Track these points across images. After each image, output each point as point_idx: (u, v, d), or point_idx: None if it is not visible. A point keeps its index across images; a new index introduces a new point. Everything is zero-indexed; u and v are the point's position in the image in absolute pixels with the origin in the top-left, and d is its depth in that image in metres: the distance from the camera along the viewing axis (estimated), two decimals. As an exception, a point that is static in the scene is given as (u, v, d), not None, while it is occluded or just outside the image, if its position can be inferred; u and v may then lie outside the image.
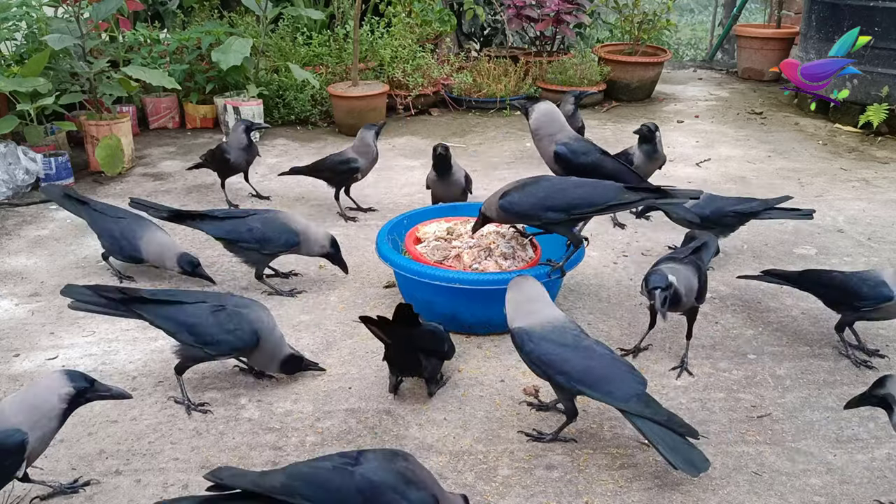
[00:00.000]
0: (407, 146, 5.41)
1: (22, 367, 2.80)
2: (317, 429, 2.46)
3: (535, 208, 2.76)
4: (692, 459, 2.08)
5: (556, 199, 2.74)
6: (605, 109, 6.44)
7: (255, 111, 5.40)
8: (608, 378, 2.21)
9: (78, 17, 4.48)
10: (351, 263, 3.38)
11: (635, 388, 2.20)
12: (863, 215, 4.19)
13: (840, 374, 2.76)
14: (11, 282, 3.45)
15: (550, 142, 3.16)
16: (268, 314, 2.61)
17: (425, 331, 2.48)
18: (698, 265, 2.66)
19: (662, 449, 2.10)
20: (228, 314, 2.51)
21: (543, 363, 2.26)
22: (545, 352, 2.26)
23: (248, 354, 2.61)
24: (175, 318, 2.50)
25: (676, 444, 2.11)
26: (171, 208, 3.44)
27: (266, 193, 4.50)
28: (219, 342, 2.49)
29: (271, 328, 2.58)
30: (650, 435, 2.13)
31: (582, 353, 2.25)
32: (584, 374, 2.22)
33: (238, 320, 2.51)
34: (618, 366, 2.26)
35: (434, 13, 6.52)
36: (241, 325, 2.51)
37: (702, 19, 11.45)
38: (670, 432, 2.12)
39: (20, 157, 4.37)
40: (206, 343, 2.49)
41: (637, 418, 2.15)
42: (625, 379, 2.22)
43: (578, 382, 2.22)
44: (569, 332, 2.31)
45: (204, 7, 6.51)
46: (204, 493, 1.83)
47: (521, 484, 2.22)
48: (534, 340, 2.28)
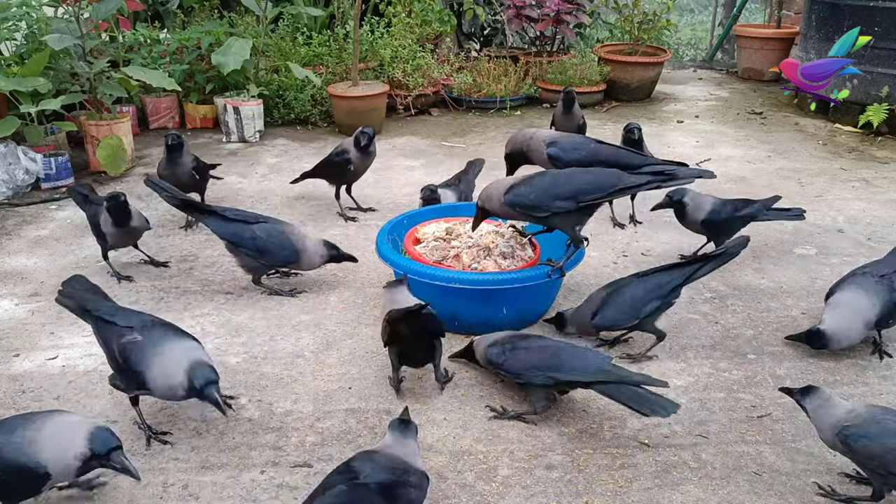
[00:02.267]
0: (407, 146, 5.41)
1: (22, 367, 2.80)
2: (317, 429, 2.46)
3: (543, 198, 2.76)
4: (662, 404, 2.26)
5: (564, 187, 2.76)
6: (605, 109, 6.44)
7: (255, 111, 5.41)
8: (574, 358, 2.45)
9: (78, 17, 4.48)
10: (351, 264, 3.38)
11: (600, 361, 2.41)
12: (863, 215, 4.19)
13: (840, 374, 2.76)
14: (11, 282, 3.45)
15: (541, 144, 3.24)
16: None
17: (428, 314, 2.47)
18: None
19: (631, 404, 2.28)
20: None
21: (518, 369, 2.48)
22: (520, 359, 2.49)
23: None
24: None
25: (642, 397, 2.29)
26: (184, 196, 3.41)
27: (265, 193, 4.50)
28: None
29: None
30: (619, 396, 2.31)
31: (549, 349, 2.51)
32: (553, 360, 2.45)
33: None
34: (577, 348, 2.54)
35: (434, 13, 6.52)
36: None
37: (702, 19, 11.45)
38: (635, 388, 2.31)
39: (20, 157, 4.37)
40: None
41: (608, 385, 2.33)
42: (587, 355, 2.47)
43: (552, 370, 2.42)
44: (532, 337, 2.60)
45: (204, 7, 6.51)
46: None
47: (521, 484, 2.22)
48: (505, 353, 2.52)
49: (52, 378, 2.73)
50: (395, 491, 1.87)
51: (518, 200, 2.79)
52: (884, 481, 2.05)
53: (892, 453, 1.98)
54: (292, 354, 2.88)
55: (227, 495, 2.18)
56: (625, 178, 2.78)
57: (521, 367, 2.46)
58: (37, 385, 2.69)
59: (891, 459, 1.98)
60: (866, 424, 2.04)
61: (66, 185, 4.53)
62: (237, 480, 2.23)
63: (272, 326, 3.07)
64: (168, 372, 2.22)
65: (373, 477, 1.87)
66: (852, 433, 2.04)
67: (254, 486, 2.21)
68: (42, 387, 2.68)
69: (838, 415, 2.10)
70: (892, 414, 2.07)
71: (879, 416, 2.05)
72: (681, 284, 2.78)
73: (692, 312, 3.16)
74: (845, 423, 2.06)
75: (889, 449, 1.98)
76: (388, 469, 1.91)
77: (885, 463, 1.99)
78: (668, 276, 2.77)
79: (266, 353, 2.89)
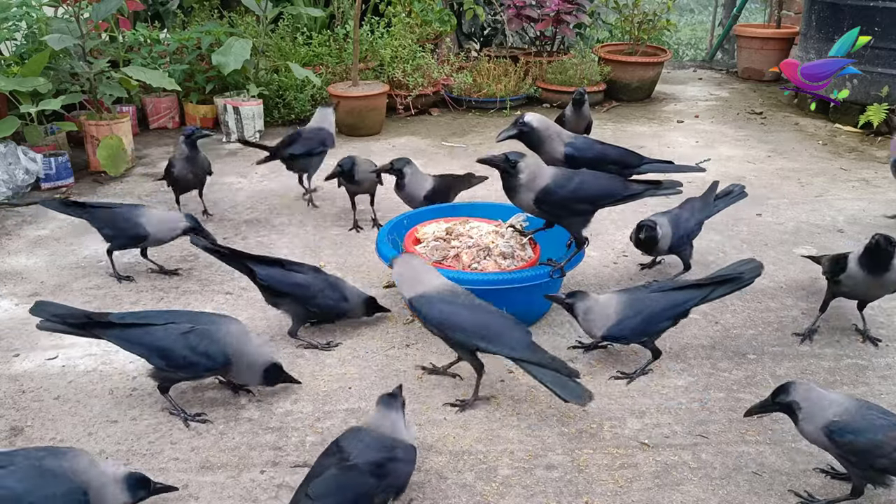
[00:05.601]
0: (407, 146, 5.41)
1: (22, 367, 2.80)
2: (317, 429, 2.46)
3: (572, 199, 2.83)
4: (578, 393, 2.33)
5: (589, 191, 2.87)
6: (605, 109, 6.44)
7: (256, 111, 5.41)
8: (503, 333, 2.44)
9: (78, 17, 4.48)
10: (351, 263, 3.38)
11: (525, 338, 2.43)
12: (863, 215, 4.19)
13: (840, 374, 2.76)
14: (11, 282, 3.45)
15: (560, 142, 3.28)
16: (238, 327, 2.50)
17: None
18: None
19: (553, 387, 2.34)
20: (198, 335, 2.40)
21: (441, 323, 2.47)
22: (441, 311, 2.47)
23: (224, 373, 2.53)
24: (144, 343, 2.40)
25: (563, 382, 2.35)
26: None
27: (265, 194, 4.49)
28: (191, 365, 2.40)
29: (243, 343, 2.46)
30: (542, 377, 2.36)
31: (476, 311, 2.47)
32: (481, 328, 2.44)
33: (208, 341, 2.40)
34: (507, 321, 2.49)
35: (434, 13, 6.51)
36: (210, 346, 2.40)
37: (702, 19, 11.45)
38: (556, 373, 2.35)
39: (20, 157, 4.37)
40: (179, 367, 2.41)
41: (529, 365, 2.38)
42: (514, 331, 2.45)
43: (476, 337, 2.44)
44: (460, 294, 2.52)
45: (204, 7, 6.51)
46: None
47: (521, 484, 2.22)
48: (431, 303, 2.48)
49: (52, 378, 2.73)
50: (385, 468, 1.98)
51: (546, 198, 2.80)
52: (863, 475, 2.06)
53: (878, 449, 1.99)
54: (292, 354, 2.88)
55: (227, 495, 2.18)
56: (629, 187, 2.94)
57: (450, 326, 2.48)
58: (37, 385, 2.69)
59: (875, 455, 2.00)
60: (854, 420, 2.04)
61: (66, 185, 4.54)
62: (237, 480, 2.23)
63: (272, 326, 3.07)
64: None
65: (362, 457, 1.96)
66: (839, 429, 2.04)
67: (254, 486, 2.21)
68: (42, 387, 2.68)
69: (826, 412, 2.08)
70: (875, 410, 2.09)
71: (865, 412, 2.06)
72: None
73: (692, 312, 3.15)
74: (833, 419, 2.06)
75: (875, 444, 1.99)
76: (376, 447, 2.00)
77: (869, 458, 2.01)
78: (685, 295, 2.72)
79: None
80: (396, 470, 2.02)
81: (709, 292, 2.72)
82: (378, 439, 2.03)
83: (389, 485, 2.00)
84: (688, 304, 2.71)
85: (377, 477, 1.96)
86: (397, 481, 2.03)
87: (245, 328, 2.54)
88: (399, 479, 2.04)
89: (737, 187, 3.49)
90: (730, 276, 2.75)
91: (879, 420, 2.03)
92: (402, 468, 2.04)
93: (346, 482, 1.92)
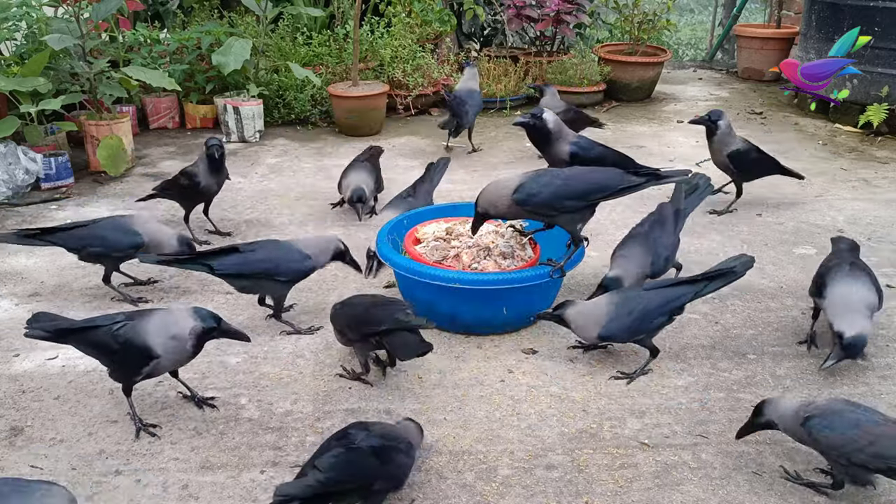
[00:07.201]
0: (407, 146, 5.41)
1: (22, 367, 2.80)
2: (317, 429, 2.46)
3: (555, 197, 2.79)
4: (418, 348, 2.52)
5: (575, 186, 2.82)
6: (605, 109, 6.43)
7: (255, 111, 5.41)
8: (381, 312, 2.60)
9: (78, 17, 4.48)
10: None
11: (399, 314, 2.56)
12: (863, 215, 4.19)
13: (840, 374, 2.76)
14: (11, 282, 3.45)
15: (566, 142, 3.36)
16: (164, 318, 2.35)
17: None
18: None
19: (397, 351, 2.56)
20: (123, 331, 2.31)
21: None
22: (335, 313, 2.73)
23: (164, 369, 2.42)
24: (90, 344, 2.37)
25: (407, 343, 2.53)
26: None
27: (265, 193, 4.49)
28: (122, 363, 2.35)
29: (168, 335, 2.32)
30: (391, 343, 2.55)
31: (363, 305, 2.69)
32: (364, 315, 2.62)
33: (129, 337, 2.30)
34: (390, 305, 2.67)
35: (434, 13, 6.51)
36: (131, 343, 2.30)
37: (702, 19, 11.44)
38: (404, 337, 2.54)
39: (20, 157, 4.37)
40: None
41: (392, 333, 2.54)
42: (390, 308, 2.63)
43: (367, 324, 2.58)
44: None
45: (204, 7, 6.51)
46: None
47: (521, 484, 2.22)
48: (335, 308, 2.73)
49: (52, 378, 2.73)
50: (387, 454, 2.07)
51: (529, 199, 2.78)
52: (844, 471, 2.09)
53: (852, 444, 2.03)
54: (292, 354, 2.88)
55: (227, 495, 2.18)
56: (627, 178, 2.84)
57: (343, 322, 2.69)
58: (37, 385, 2.69)
59: (851, 450, 2.03)
60: (829, 415, 2.09)
61: (66, 185, 4.54)
62: (237, 480, 2.23)
63: (272, 326, 3.07)
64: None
65: (367, 441, 2.05)
66: (816, 424, 2.09)
67: (254, 486, 2.21)
68: (42, 387, 2.68)
69: (799, 412, 2.15)
70: (856, 406, 2.13)
71: (841, 407, 2.11)
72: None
73: (692, 312, 3.15)
74: (806, 414, 2.12)
75: (849, 439, 2.04)
76: (381, 436, 2.10)
77: (847, 452, 2.04)
78: (677, 291, 2.71)
79: (266, 353, 2.89)
80: (398, 459, 2.09)
81: (702, 287, 2.73)
82: (383, 430, 2.14)
83: (389, 473, 2.08)
84: (682, 300, 2.71)
85: (379, 460, 2.04)
86: (397, 470, 2.10)
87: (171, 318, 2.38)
88: (399, 468, 2.11)
89: (702, 179, 3.39)
90: (722, 270, 2.76)
91: (855, 415, 2.08)
92: (403, 459, 2.12)
93: (350, 459, 2.01)
